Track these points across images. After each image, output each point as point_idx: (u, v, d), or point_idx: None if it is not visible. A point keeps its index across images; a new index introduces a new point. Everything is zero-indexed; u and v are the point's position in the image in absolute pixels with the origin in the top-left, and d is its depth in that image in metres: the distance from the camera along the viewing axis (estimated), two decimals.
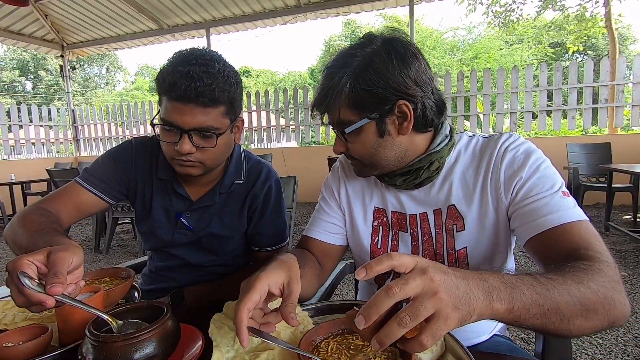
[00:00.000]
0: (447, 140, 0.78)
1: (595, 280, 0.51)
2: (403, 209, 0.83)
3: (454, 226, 0.78)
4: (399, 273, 0.45)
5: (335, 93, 0.72)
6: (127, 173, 1.00)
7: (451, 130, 0.80)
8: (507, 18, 9.81)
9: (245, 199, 1.01)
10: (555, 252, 0.62)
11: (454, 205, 0.77)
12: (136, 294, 0.84)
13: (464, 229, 0.77)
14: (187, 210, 1.00)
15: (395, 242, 0.84)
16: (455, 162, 0.79)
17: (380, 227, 0.86)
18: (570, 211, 0.65)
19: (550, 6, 9.47)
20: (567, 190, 0.69)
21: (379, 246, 0.85)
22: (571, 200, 0.67)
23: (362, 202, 0.88)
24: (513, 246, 0.82)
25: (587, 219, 0.65)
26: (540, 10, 9.75)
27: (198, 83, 0.78)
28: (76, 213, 0.94)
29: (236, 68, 0.89)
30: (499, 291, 0.46)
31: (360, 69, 0.70)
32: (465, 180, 0.78)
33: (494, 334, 0.87)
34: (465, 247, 0.77)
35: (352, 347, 0.57)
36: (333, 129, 0.78)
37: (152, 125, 0.88)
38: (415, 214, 0.82)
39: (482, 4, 9.81)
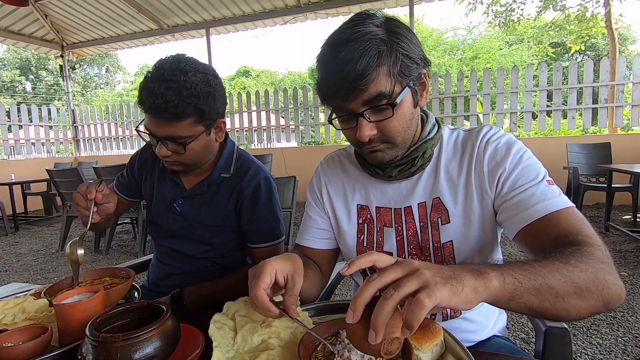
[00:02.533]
0: (435, 129, 0.79)
1: (583, 261, 0.52)
2: (388, 204, 0.82)
3: (439, 219, 0.77)
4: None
5: (381, 59, 0.64)
6: (134, 175, 1.17)
7: (437, 120, 0.82)
8: (508, 18, 9.80)
9: (232, 192, 1.06)
10: (545, 240, 0.62)
11: (438, 198, 0.77)
12: (136, 294, 0.84)
13: (449, 222, 0.76)
14: (180, 197, 1.08)
15: (381, 239, 0.83)
16: (439, 155, 0.79)
17: (365, 225, 0.84)
18: (557, 199, 0.65)
19: (550, 6, 9.46)
20: (551, 178, 0.70)
21: (365, 244, 0.84)
22: (556, 188, 0.68)
23: (345, 201, 0.87)
24: (499, 239, 0.82)
25: (573, 205, 0.66)
26: (540, 11, 9.75)
27: (160, 101, 0.85)
28: (120, 208, 1.18)
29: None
30: (486, 268, 0.47)
31: (390, 34, 0.66)
32: (449, 172, 0.78)
33: (494, 335, 0.87)
34: (452, 241, 0.77)
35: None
36: (361, 111, 0.67)
37: (137, 130, 0.97)
38: (400, 208, 0.80)
39: (482, 4, 9.80)
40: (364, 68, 0.63)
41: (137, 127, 0.98)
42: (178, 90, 0.85)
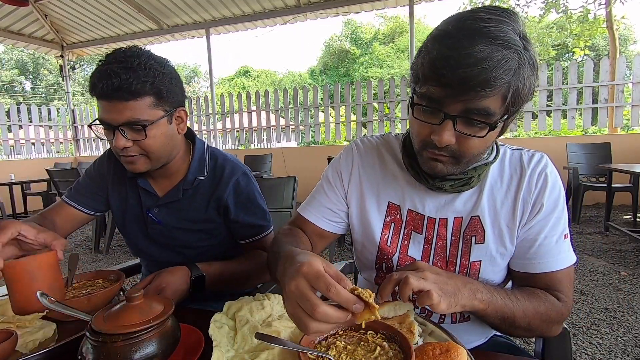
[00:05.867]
0: (495, 151, 0.77)
1: (549, 315, 0.68)
2: (423, 211, 0.78)
3: (473, 237, 0.74)
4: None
5: (512, 77, 0.58)
6: (100, 186, 1.10)
7: (496, 141, 0.77)
8: None
9: (210, 196, 1.02)
10: (536, 286, 0.72)
11: (478, 217, 0.74)
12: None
13: (483, 242, 0.74)
14: (155, 206, 1.03)
15: (406, 242, 0.79)
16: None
17: (393, 224, 0.80)
18: (566, 256, 0.71)
19: (552, 9, 9.47)
20: (569, 230, 0.73)
21: (388, 243, 0.80)
22: (568, 241, 0.73)
23: (377, 194, 0.82)
24: None
25: (575, 259, 0.73)
26: (544, 13, 9.75)
27: (114, 80, 0.81)
28: (67, 227, 1.08)
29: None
30: (478, 291, 0.62)
31: (525, 53, 0.59)
32: (493, 194, 0.75)
33: (494, 334, 0.87)
34: (480, 261, 0.75)
35: (350, 344, 0.57)
36: (455, 114, 0.61)
37: (90, 126, 0.91)
38: (435, 218, 0.77)
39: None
40: (496, 77, 0.56)
41: (90, 124, 0.91)
42: (133, 69, 0.82)
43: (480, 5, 0.67)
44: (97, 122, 0.88)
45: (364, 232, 0.84)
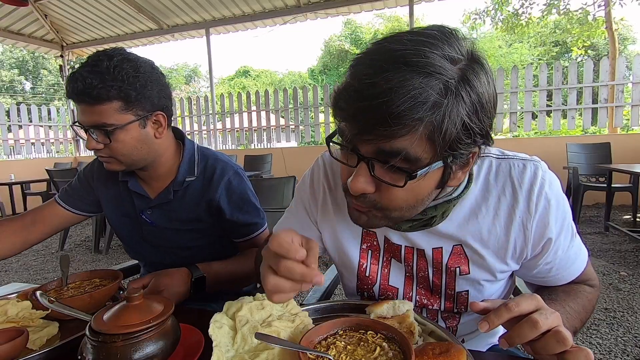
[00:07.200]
0: (464, 184, 0.64)
1: (593, 306, 0.68)
2: (398, 241, 0.71)
3: (457, 269, 0.68)
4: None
5: (432, 115, 0.45)
6: (88, 189, 1.12)
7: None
8: (517, 22, 9.85)
9: (201, 197, 1.02)
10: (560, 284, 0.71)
11: (461, 246, 0.67)
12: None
13: (469, 273, 0.68)
14: (147, 208, 1.04)
15: (386, 270, 0.73)
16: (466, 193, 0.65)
17: (370, 252, 0.74)
18: (582, 254, 0.69)
19: (554, 10, 9.52)
20: (575, 227, 0.68)
21: (367, 273, 0.74)
22: (579, 239, 0.69)
23: (349, 220, 0.68)
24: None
25: (588, 253, 0.71)
26: (545, 14, 9.79)
27: (79, 84, 0.82)
28: (54, 225, 1.10)
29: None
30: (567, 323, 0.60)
31: (463, 84, 0.47)
32: (478, 221, 0.65)
33: (493, 344, 0.83)
34: (467, 291, 0.70)
35: (350, 344, 0.56)
36: (369, 157, 0.50)
37: (72, 126, 0.93)
38: (412, 247, 0.70)
39: (488, 16, 9.89)
40: (400, 113, 0.44)
41: (72, 124, 0.94)
42: (100, 73, 0.82)
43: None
44: (77, 123, 0.90)
45: (340, 259, 0.78)
